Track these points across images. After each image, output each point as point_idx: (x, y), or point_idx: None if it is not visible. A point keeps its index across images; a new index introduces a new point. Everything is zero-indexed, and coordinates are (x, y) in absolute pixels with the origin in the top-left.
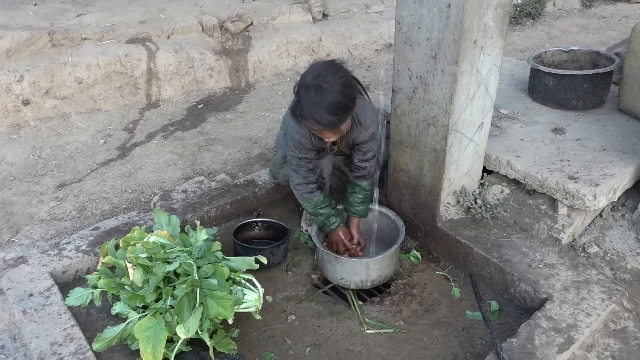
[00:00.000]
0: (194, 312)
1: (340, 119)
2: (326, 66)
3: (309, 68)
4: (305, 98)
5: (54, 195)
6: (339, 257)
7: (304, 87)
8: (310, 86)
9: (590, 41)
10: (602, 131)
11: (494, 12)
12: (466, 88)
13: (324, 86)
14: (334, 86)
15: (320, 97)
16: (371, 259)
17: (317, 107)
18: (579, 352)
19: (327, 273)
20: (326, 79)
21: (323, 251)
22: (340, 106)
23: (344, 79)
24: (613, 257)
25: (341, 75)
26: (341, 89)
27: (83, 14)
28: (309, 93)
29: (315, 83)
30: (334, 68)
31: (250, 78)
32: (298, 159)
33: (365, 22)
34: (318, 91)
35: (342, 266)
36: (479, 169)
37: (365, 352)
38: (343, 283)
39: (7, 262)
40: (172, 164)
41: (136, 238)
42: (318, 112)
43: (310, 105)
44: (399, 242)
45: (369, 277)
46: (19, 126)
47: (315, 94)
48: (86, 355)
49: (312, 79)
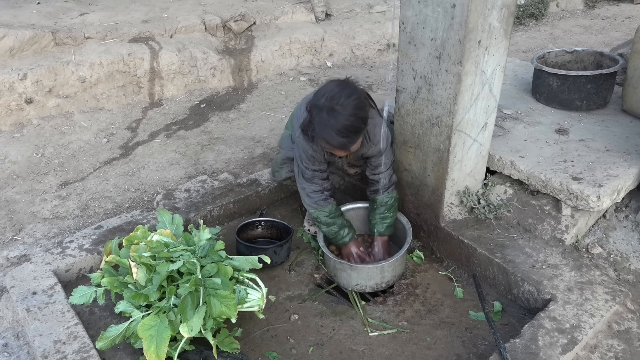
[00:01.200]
0: (197, 311)
1: (350, 140)
2: (340, 88)
3: (322, 87)
4: (318, 119)
5: (57, 193)
6: (353, 264)
7: (316, 108)
8: (323, 108)
9: (593, 42)
10: (606, 132)
11: (498, 12)
12: (470, 88)
13: (336, 108)
14: (347, 109)
15: (333, 120)
16: (386, 262)
17: (329, 130)
18: (582, 353)
19: (341, 281)
20: (340, 101)
21: (336, 260)
22: (352, 129)
23: (356, 102)
24: (617, 258)
25: (354, 98)
26: (353, 111)
27: (86, 13)
28: (322, 115)
29: (329, 105)
30: (347, 90)
31: (253, 77)
32: (312, 170)
33: (368, 22)
34: (331, 114)
35: (357, 273)
36: (482, 169)
37: (369, 352)
38: (359, 289)
39: (10, 260)
40: (175, 163)
41: (139, 237)
42: (329, 134)
43: (322, 127)
44: (408, 240)
45: (384, 279)
46: (22, 125)
47: (327, 116)
48: (89, 354)
49: (325, 101)
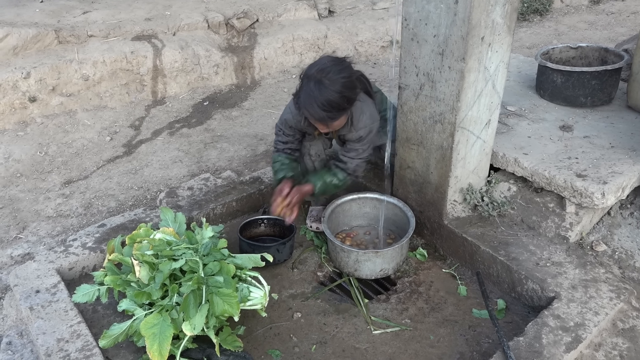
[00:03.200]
0: (200, 309)
1: (331, 116)
2: (333, 63)
3: (318, 59)
4: (305, 89)
5: (60, 192)
6: (378, 250)
7: (306, 77)
8: (312, 78)
9: (598, 37)
10: (611, 128)
11: (501, 8)
12: (473, 85)
13: (324, 82)
14: (334, 84)
15: (318, 92)
16: (404, 241)
17: (312, 101)
18: (586, 351)
19: (364, 271)
20: (329, 75)
21: (359, 252)
22: (334, 105)
23: (345, 80)
24: (621, 255)
25: (344, 75)
26: (340, 88)
27: (89, 11)
28: (309, 85)
29: (318, 77)
30: (339, 66)
31: (256, 75)
32: (278, 129)
33: (371, 19)
34: (317, 85)
35: (382, 258)
36: (486, 166)
37: (372, 350)
38: (382, 274)
39: (14, 258)
40: (178, 161)
41: (142, 235)
42: (312, 106)
43: (306, 96)
44: (412, 225)
45: (401, 258)
46: (25, 123)
47: (314, 87)
48: (92, 352)
49: (315, 72)
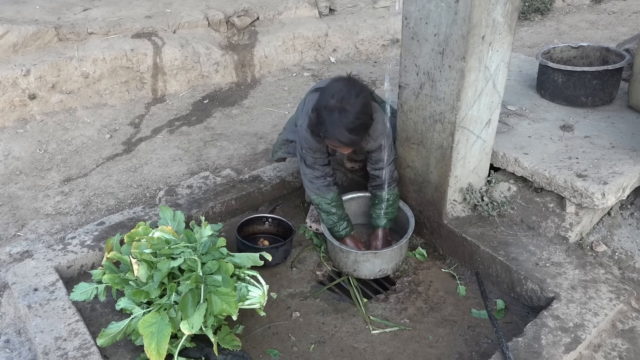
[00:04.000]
0: (198, 308)
1: (361, 137)
2: (348, 87)
3: (328, 87)
4: (329, 120)
5: (59, 189)
6: (377, 251)
7: (326, 109)
8: (334, 109)
9: (599, 37)
10: (612, 128)
11: (502, 7)
12: (474, 84)
13: (347, 108)
14: (356, 107)
15: (345, 119)
16: (403, 241)
17: (342, 129)
18: (586, 352)
19: (364, 272)
20: (350, 101)
21: (358, 253)
22: (361, 127)
23: (364, 100)
24: (621, 256)
25: (363, 96)
26: (362, 109)
27: (89, 8)
28: (333, 115)
29: (340, 106)
30: (355, 89)
31: (256, 73)
32: (313, 157)
33: (372, 17)
34: (343, 113)
35: (381, 258)
36: (486, 166)
37: (370, 349)
38: (381, 274)
39: (12, 256)
40: (178, 159)
41: (141, 233)
42: (342, 134)
43: (334, 127)
44: (412, 225)
45: (400, 259)
46: (25, 120)
47: (339, 116)
48: (90, 350)
49: (335, 102)
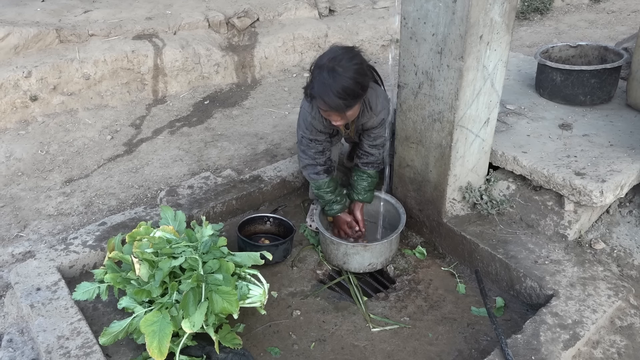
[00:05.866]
0: (199, 307)
1: (347, 104)
2: (344, 51)
3: (327, 50)
4: (318, 78)
5: (61, 190)
6: (367, 244)
7: (318, 67)
8: (324, 67)
9: (598, 36)
10: (610, 127)
11: (500, 6)
12: (472, 83)
13: (337, 69)
14: (348, 71)
15: (332, 80)
16: (393, 236)
17: (328, 89)
18: (584, 348)
19: (353, 265)
20: (341, 62)
21: (348, 245)
22: (349, 91)
23: (358, 66)
24: (620, 253)
25: (356, 62)
26: (354, 75)
27: (90, 10)
28: (322, 74)
29: (330, 65)
30: (350, 54)
31: (257, 74)
32: (309, 140)
33: (371, 18)
34: (331, 73)
35: (371, 252)
36: (485, 164)
37: (370, 347)
38: (371, 268)
39: (15, 256)
40: (179, 160)
41: (142, 233)
42: (327, 94)
43: (321, 85)
44: (402, 221)
45: (391, 254)
46: (27, 122)
47: (327, 76)
48: (93, 349)
49: (327, 61)
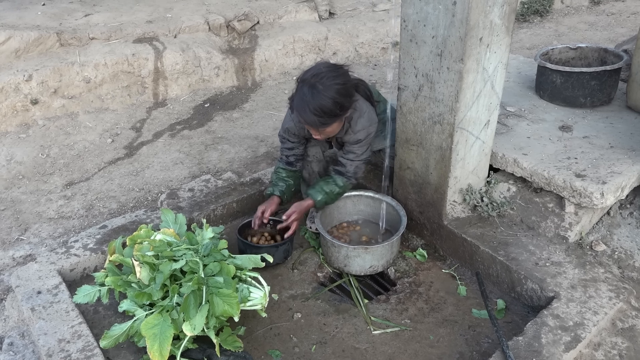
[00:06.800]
0: (200, 310)
1: (322, 121)
2: (329, 69)
3: (314, 65)
4: (299, 93)
5: (62, 193)
6: (369, 247)
7: (302, 81)
8: (306, 82)
9: (598, 38)
10: (610, 129)
11: (500, 9)
12: (472, 86)
13: (318, 87)
14: (328, 90)
15: (311, 96)
16: (394, 238)
17: (305, 105)
18: (585, 350)
19: (354, 267)
20: (323, 80)
21: (349, 247)
22: (326, 110)
23: (340, 86)
24: (621, 255)
25: (339, 82)
26: (333, 95)
27: (91, 14)
28: (303, 89)
29: (312, 81)
30: (335, 73)
31: (257, 77)
32: (282, 137)
33: (371, 21)
34: (311, 90)
35: (372, 254)
36: (485, 166)
37: (371, 350)
38: (372, 271)
39: (16, 259)
40: (179, 163)
41: (143, 236)
42: (304, 110)
43: (300, 100)
44: (403, 224)
45: (392, 256)
46: (27, 125)
47: (307, 91)
48: (93, 352)
49: (310, 77)
